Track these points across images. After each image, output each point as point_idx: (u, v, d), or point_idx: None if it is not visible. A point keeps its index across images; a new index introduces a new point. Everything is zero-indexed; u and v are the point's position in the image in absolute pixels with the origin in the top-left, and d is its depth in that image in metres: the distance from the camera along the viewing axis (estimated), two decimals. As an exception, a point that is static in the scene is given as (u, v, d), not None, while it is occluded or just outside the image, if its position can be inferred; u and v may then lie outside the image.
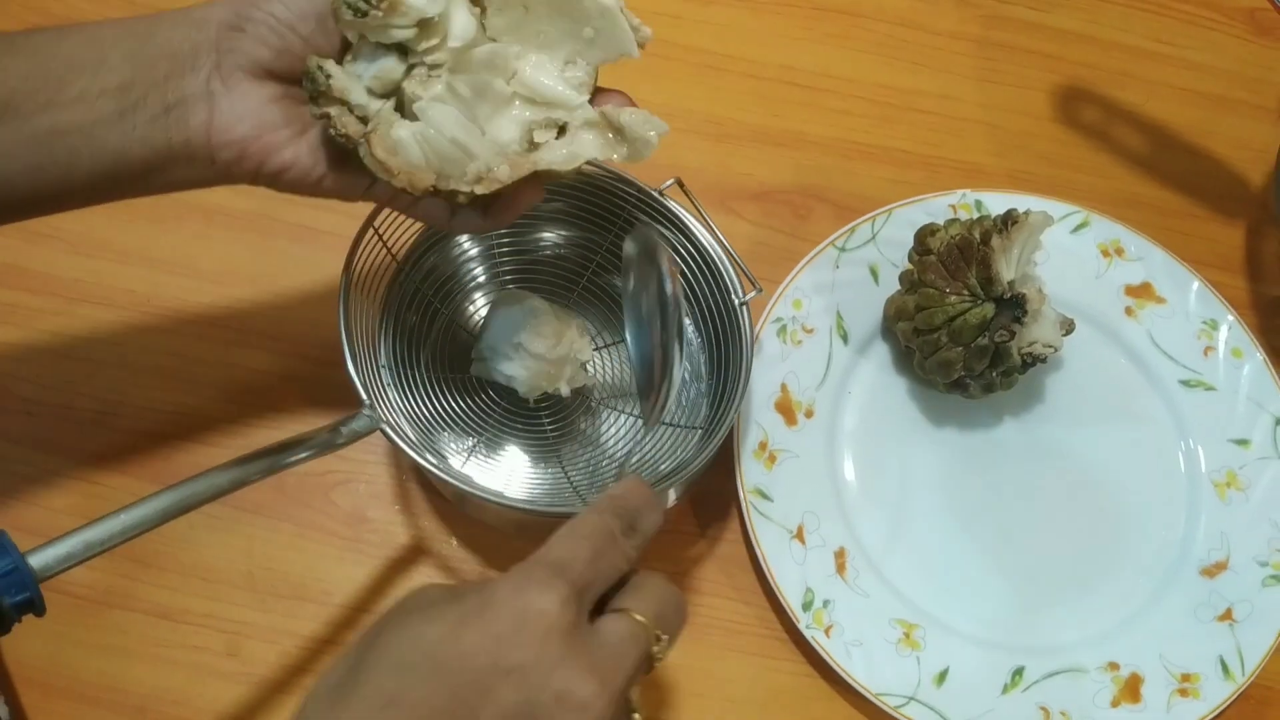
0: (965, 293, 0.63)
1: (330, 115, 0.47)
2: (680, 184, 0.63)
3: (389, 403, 0.60)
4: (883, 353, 0.70)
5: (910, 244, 0.68)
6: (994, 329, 0.62)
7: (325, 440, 0.53)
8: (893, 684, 0.61)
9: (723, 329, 0.63)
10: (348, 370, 0.56)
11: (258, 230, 0.72)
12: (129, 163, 0.47)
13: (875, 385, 0.70)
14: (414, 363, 0.64)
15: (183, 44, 0.47)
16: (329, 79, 0.47)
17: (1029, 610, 0.65)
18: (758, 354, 0.67)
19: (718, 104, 0.78)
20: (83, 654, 0.61)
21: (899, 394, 0.70)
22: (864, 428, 0.68)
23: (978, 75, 0.81)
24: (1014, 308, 0.62)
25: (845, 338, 0.70)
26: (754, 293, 0.62)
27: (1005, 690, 0.62)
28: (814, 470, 0.66)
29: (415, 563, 0.65)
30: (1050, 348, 0.64)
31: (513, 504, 0.56)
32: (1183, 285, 0.72)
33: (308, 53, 0.47)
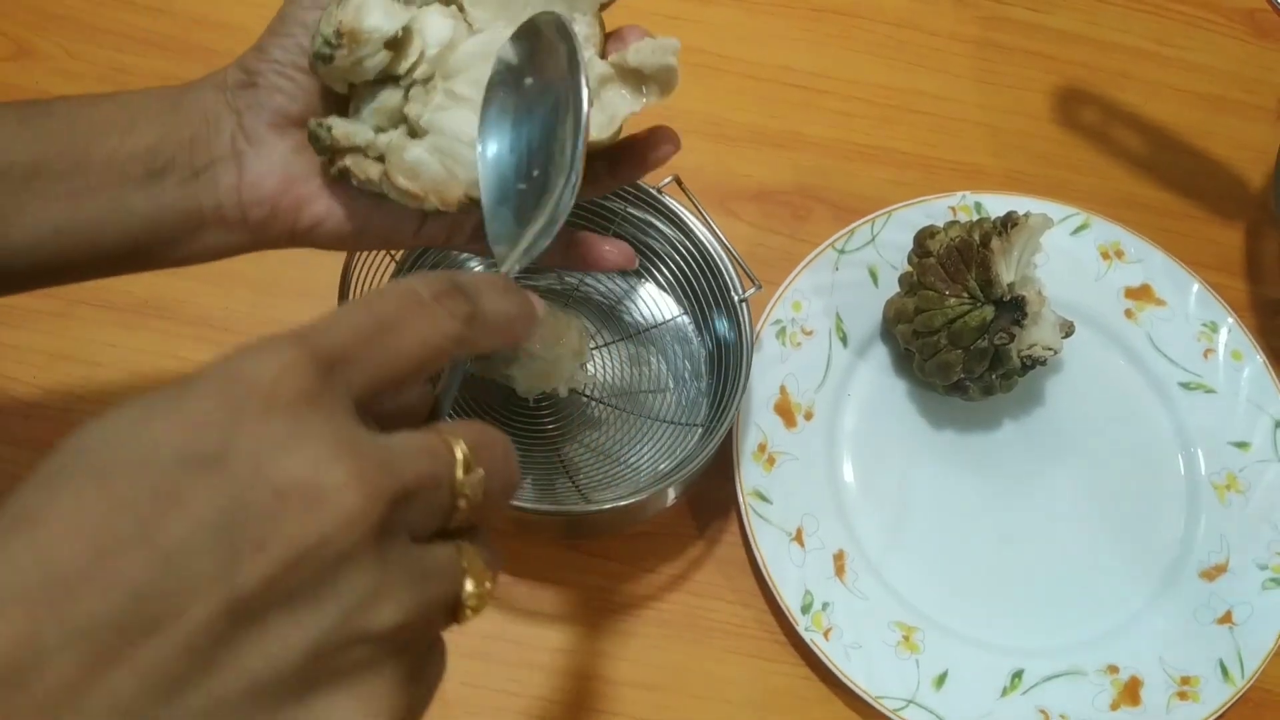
0: (965, 295, 0.63)
1: (347, 166, 0.45)
2: (678, 181, 0.63)
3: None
4: (882, 355, 0.70)
5: (910, 246, 0.67)
6: (994, 331, 0.62)
7: None
8: (892, 687, 0.61)
9: (722, 326, 0.63)
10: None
11: (256, 231, 0.72)
12: (159, 228, 0.47)
13: (875, 387, 0.70)
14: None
15: (207, 108, 0.47)
16: (330, 131, 0.45)
17: (1028, 613, 0.65)
18: (757, 355, 0.67)
19: (716, 105, 0.78)
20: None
21: (898, 396, 0.70)
22: (863, 430, 0.68)
23: (977, 76, 0.81)
24: (1013, 310, 0.62)
25: (844, 340, 0.70)
26: (753, 289, 0.62)
27: (1004, 693, 0.62)
28: (813, 472, 0.66)
29: (414, 565, 0.65)
30: (1050, 350, 0.64)
31: (513, 504, 0.56)
32: (1182, 287, 0.72)
33: (318, 87, 0.46)
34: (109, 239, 0.46)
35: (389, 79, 0.46)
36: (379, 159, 0.46)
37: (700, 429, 0.63)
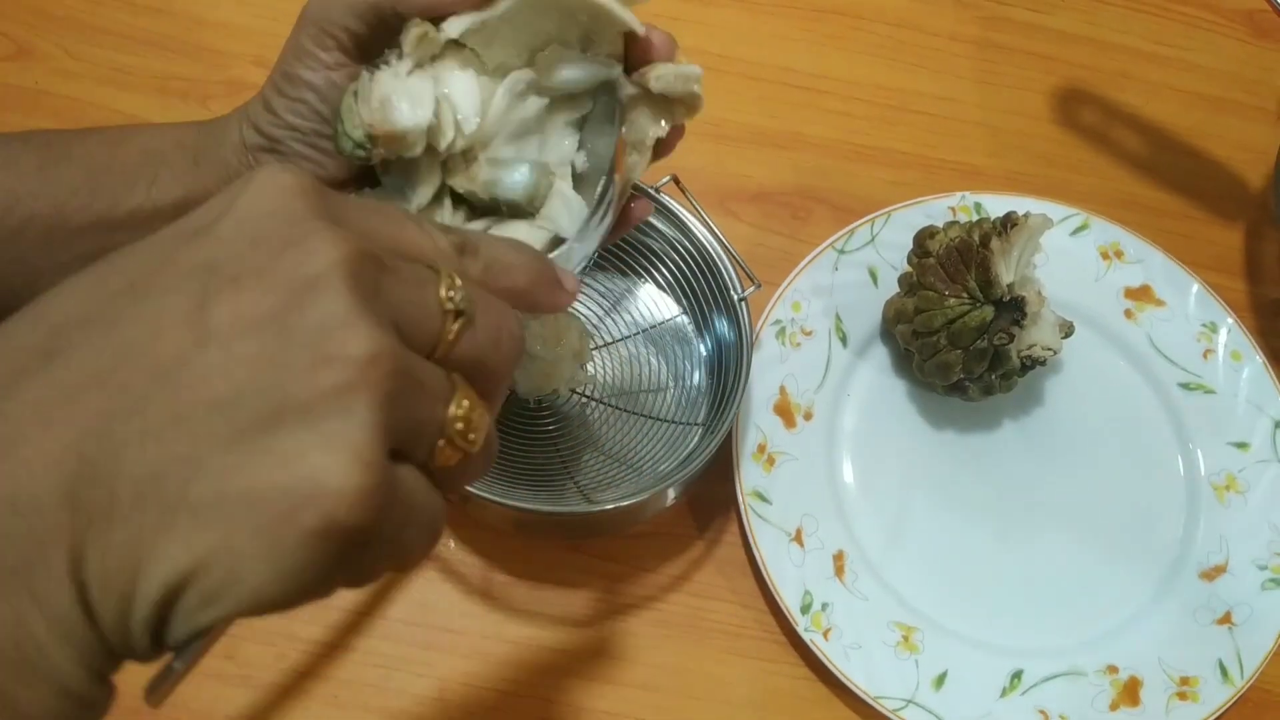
0: (964, 295, 0.63)
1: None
2: (676, 181, 0.63)
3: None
4: (882, 355, 0.70)
5: (909, 246, 0.67)
6: (993, 331, 0.62)
7: None
8: (891, 687, 0.61)
9: (722, 326, 0.63)
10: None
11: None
12: None
13: (874, 388, 0.70)
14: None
15: (229, 165, 0.45)
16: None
17: (1028, 613, 0.65)
18: (756, 355, 0.67)
19: (716, 105, 0.78)
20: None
21: (898, 396, 0.70)
22: (863, 430, 0.68)
23: (977, 77, 0.81)
24: (1013, 310, 0.62)
25: (844, 340, 0.70)
26: (753, 288, 0.62)
27: (1004, 693, 0.62)
28: (813, 473, 0.66)
29: (413, 565, 0.65)
30: (1049, 350, 0.64)
31: (513, 504, 0.56)
32: (1182, 288, 0.72)
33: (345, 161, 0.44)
34: None
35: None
36: None
37: (700, 428, 0.63)
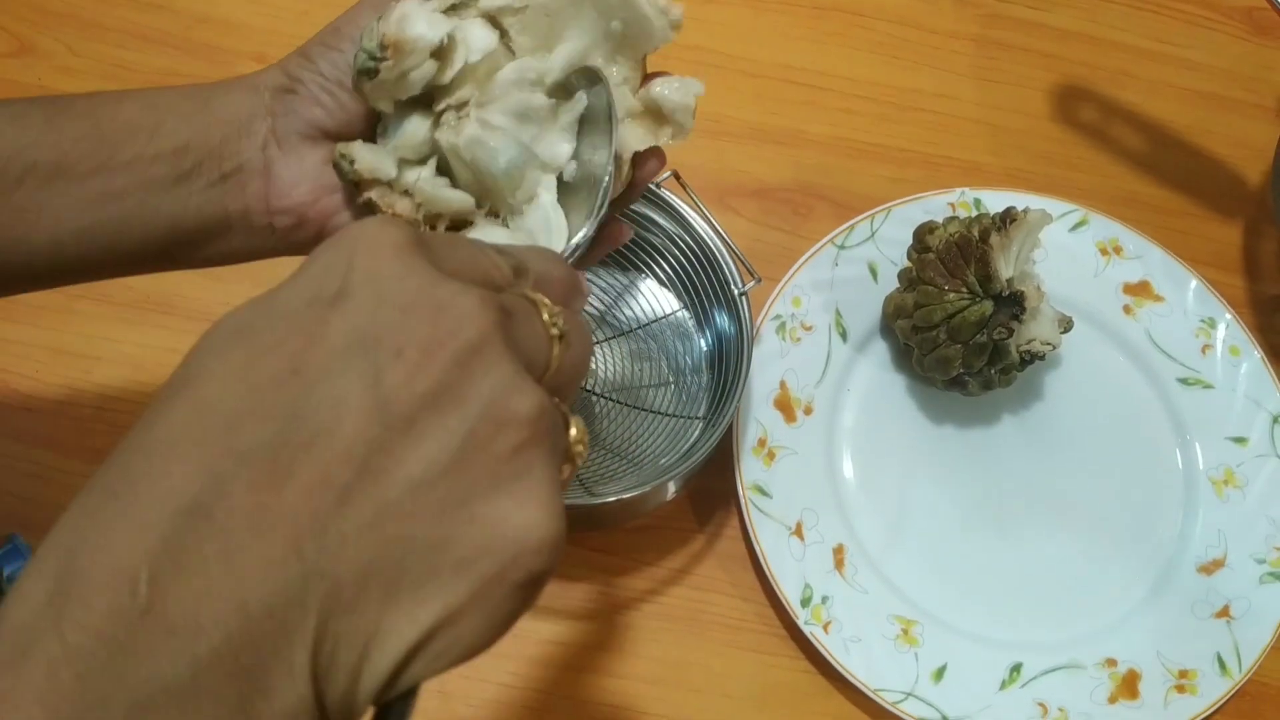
0: (964, 290, 0.63)
1: (373, 200, 0.45)
2: (677, 176, 0.63)
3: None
4: (881, 350, 0.71)
5: (909, 242, 0.68)
6: (992, 326, 0.63)
7: None
8: (891, 680, 0.62)
9: (722, 321, 0.64)
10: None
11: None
12: (183, 230, 0.46)
13: (874, 382, 0.70)
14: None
15: (239, 110, 0.46)
16: (353, 165, 0.44)
17: (1027, 606, 0.65)
18: (757, 350, 0.67)
19: (717, 102, 0.79)
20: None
21: (898, 391, 0.70)
22: (863, 425, 0.69)
23: (977, 74, 0.81)
24: (1012, 305, 0.62)
25: (844, 335, 0.70)
26: (753, 283, 0.62)
27: (1003, 686, 0.62)
28: (813, 467, 0.66)
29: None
30: (1048, 345, 0.64)
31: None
32: (1181, 284, 0.72)
33: (363, 107, 0.45)
34: (132, 241, 0.45)
35: (418, 104, 0.45)
36: (405, 193, 0.45)
37: (700, 422, 0.64)
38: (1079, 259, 0.73)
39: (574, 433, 0.31)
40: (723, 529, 0.67)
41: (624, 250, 0.68)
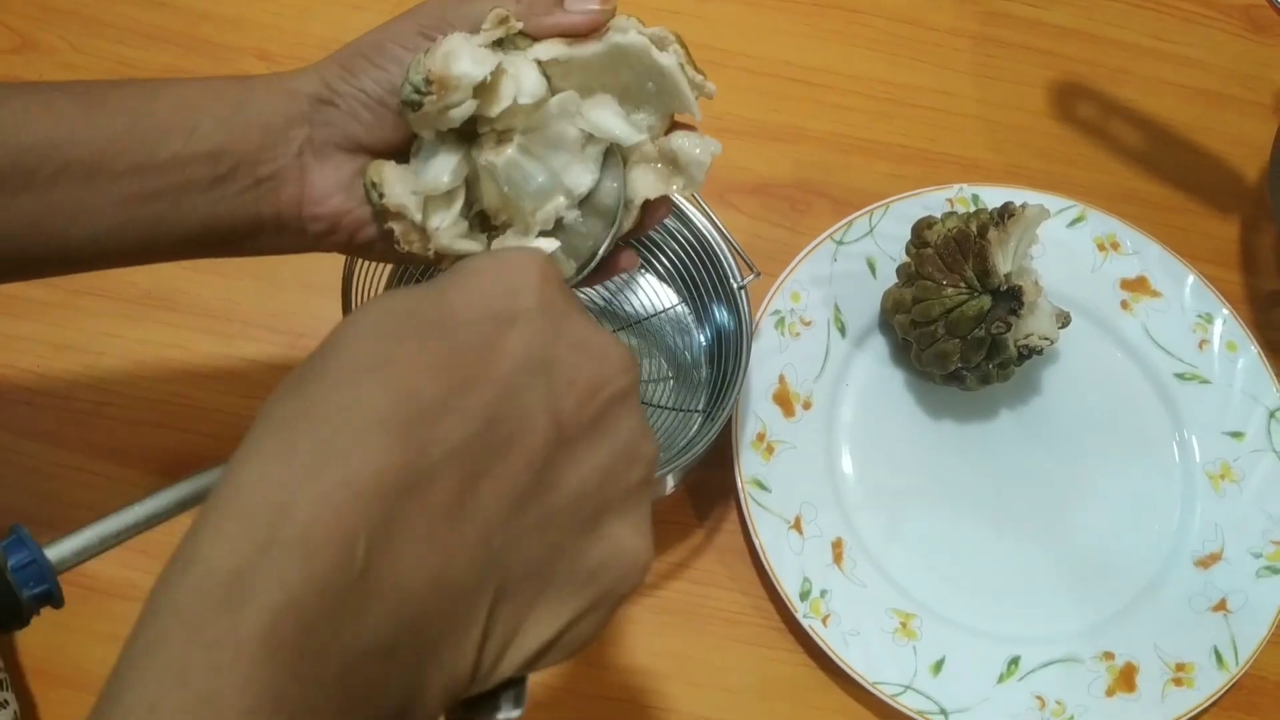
0: (962, 285, 0.63)
1: (394, 232, 0.46)
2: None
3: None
4: (880, 345, 0.71)
5: (908, 237, 0.68)
6: (990, 321, 0.63)
7: None
8: (889, 673, 0.62)
9: (721, 315, 0.64)
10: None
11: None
12: (217, 229, 0.47)
13: (873, 377, 0.70)
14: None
15: (275, 114, 0.46)
16: (381, 198, 0.45)
17: (1025, 600, 0.65)
18: (755, 345, 0.67)
19: (716, 99, 0.78)
20: (86, 643, 0.62)
21: (896, 386, 0.70)
22: (861, 419, 0.69)
23: (975, 71, 0.82)
24: (1010, 300, 0.63)
25: (843, 330, 0.70)
26: (752, 277, 0.63)
27: (1001, 679, 0.63)
28: (812, 461, 0.67)
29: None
30: (1046, 340, 0.64)
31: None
32: (1178, 279, 0.73)
33: (401, 126, 0.46)
34: (166, 237, 0.46)
35: (463, 134, 0.46)
36: (423, 234, 0.47)
37: (700, 416, 0.64)
38: (1077, 255, 0.73)
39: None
40: (722, 523, 0.67)
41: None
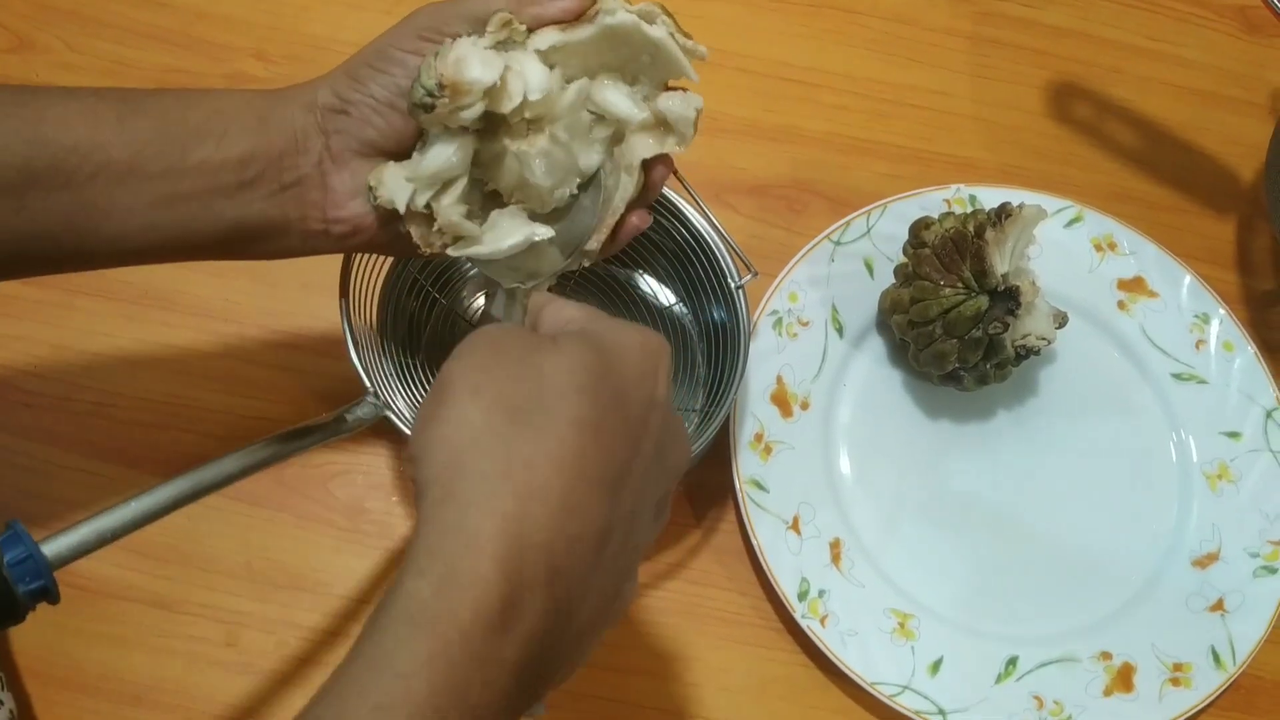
0: (959, 285, 0.63)
1: (412, 235, 0.49)
2: (674, 172, 0.63)
3: (391, 391, 0.61)
4: (878, 345, 0.71)
5: (905, 238, 0.68)
6: (988, 321, 0.63)
7: (332, 427, 0.54)
8: (887, 673, 0.62)
9: (719, 315, 0.64)
10: (350, 358, 0.56)
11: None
12: (244, 230, 0.49)
13: (870, 378, 0.70)
14: (414, 351, 0.64)
15: (294, 126, 0.48)
16: (376, 200, 0.48)
17: (1022, 600, 0.65)
18: (753, 345, 0.67)
19: (713, 99, 0.78)
20: (82, 643, 0.62)
21: (894, 386, 0.70)
22: (859, 420, 0.69)
23: (971, 71, 0.82)
24: (1007, 300, 0.63)
25: (840, 330, 0.70)
26: (750, 276, 0.63)
27: (999, 680, 0.63)
28: (809, 461, 0.67)
29: (413, 553, 0.65)
30: (1043, 340, 0.64)
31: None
32: (1175, 279, 0.73)
33: (412, 126, 0.48)
34: (194, 236, 0.48)
35: (478, 129, 0.48)
36: (439, 230, 0.49)
37: (697, 415, 0.64)
38: (1074, 255, 0.73)
39: None
40: (719, 523, 0.67)
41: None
